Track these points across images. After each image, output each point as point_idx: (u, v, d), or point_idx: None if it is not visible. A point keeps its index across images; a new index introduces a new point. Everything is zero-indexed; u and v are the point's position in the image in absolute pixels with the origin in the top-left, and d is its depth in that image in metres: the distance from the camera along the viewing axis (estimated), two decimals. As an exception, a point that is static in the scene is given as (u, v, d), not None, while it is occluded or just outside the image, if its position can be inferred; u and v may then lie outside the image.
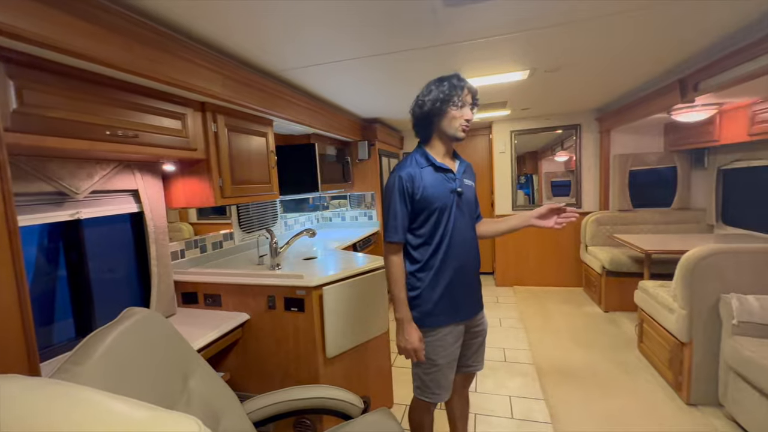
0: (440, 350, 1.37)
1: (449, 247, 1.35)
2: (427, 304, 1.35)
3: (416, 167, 1.35)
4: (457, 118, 1.33)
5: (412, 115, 1.43)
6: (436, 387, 1.40)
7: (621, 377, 2.37)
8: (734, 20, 1.65)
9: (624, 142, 3.84)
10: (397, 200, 1.32)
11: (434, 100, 1.32)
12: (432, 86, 1.35)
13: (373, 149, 3.64)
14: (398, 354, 1.38)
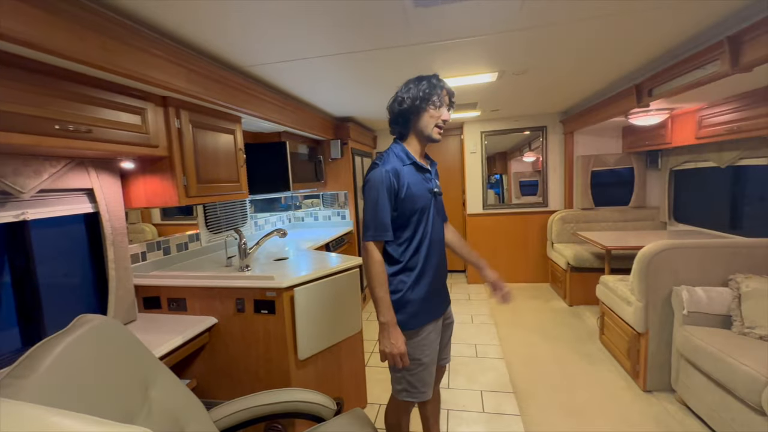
0: (425, 349, 1.37)
1: (429, 247, 1.36)
2: (412, 306, 1.34)
3: (399, 163, 1.32)
4: (434, 117, 1.34)
5: (390, 112, 1.39)
6: (422, 385, 1.40)
7: (585, 368, 2.49)
8: (683, 31, 1.77)
9: (586, 143, 4.03)
10: (384, 196, 1.26)
11: (414, 98, 1.31)
12: (411, 84, 1.34)
13: (346, 148, 3.61)
14: (381, 360, 1.33)
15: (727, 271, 1.99)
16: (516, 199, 4.58)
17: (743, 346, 1.66)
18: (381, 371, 2.58)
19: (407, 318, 1.33)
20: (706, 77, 1.80)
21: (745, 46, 1.58)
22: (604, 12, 1.53)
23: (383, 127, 4.39)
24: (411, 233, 1.33)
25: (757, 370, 1.50)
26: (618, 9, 1.51)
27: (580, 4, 1.45)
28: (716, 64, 1.72)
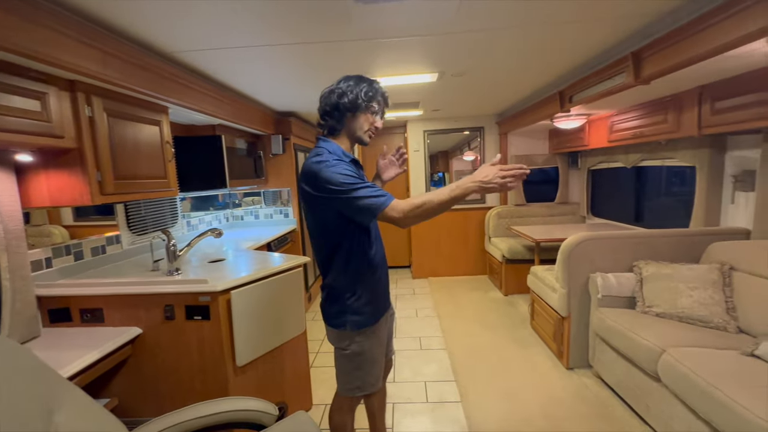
0: (378, 345, 1.38)
1: (377, 245, 1.36)
2: (370, 305, 1.32)
3: (348, 159, 1.24)
4: (369, 122, 1.31)
5: (325, 102, 1.29)
6: (375, 379, 1.40)
7: (518, 352, 2.69)
8: (597, 45, 1.97)
9: (519, 144, 4.34)
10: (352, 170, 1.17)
11: (356, 97, 1.25)
12: (352, 82, 1.28)
13: (288, 144, 3.49)
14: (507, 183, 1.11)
15: (632, 259, 2.27)
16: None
17: (644, 323, 1.91)
18: (326, 371, 2.55)
19: (367, 317, 1.32)
20: (615, 87, 2.03)
21: (645, 61, 1.80)
22: (532, 21, 1.65)
23: (327, 123, 4.30)
24: (361, 231, 1.30)
25: (653, 343, 1.73)
26: (543, 20, 1.63)
27: (510, 12, 1.55)
28: (623, 76, 1.95)
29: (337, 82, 1.31)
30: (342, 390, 1.42)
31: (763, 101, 1.71)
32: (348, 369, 1.37)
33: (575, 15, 1.59)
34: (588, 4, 1.49)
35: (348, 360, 1.37)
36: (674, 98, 2.25)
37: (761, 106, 1.71)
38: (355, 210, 1.17)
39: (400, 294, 4.13)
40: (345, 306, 1.31)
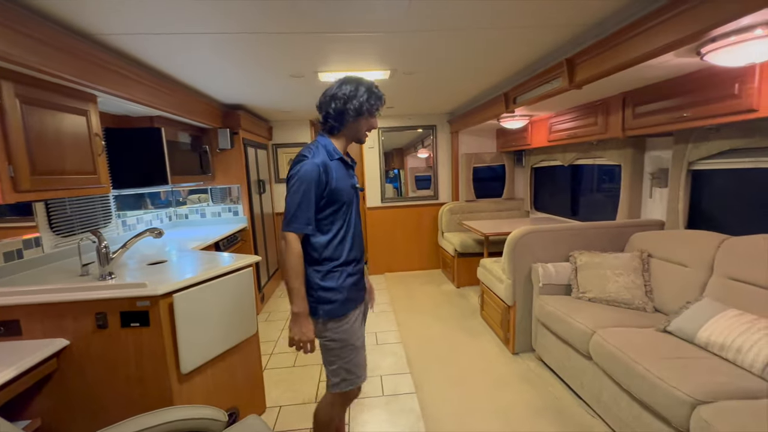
0: (353, 333, 1.41)
1: (353, 238, 1.40)
2: (340, 294, 1.36)
3: (327, 157, 1.33)
4: (368, 123, 1.38)
5: (328, 105, 1.34)
6: (359, 369, 1.44)
7: (468, 341, 2.81)
8: (537, 50, 2.11)
9: (469, 142, 4.52)
10: (312, 189, 1.27)
11: (359, 107, 1.31)
12: (351, 86, 1.32)
13: (236, 138, 3.33)
14: (290, 345, 1.32)
15: (569, 249, 2.47)
16: (412, 192, 4.89)
17: (578, 308, 2.09)
18: (280, 373, 2.49)
19: (336, 306, 1.36)
20: (552, 90, 2.18)
21: (577, 67, 1.96)
22: (479, 25, 1.72)
23: (279, 117, 4.19)
24: (338, 226, 1.36)
25: (585, 326, 1.91)
26: (489, 24, 1.71)
27: (459, 15, 1.60)
28: (559, 80, 2.10)
29: (338, 85, 1.34)
30: (329, 387, 1.44)
31: (674, 107, 1.94)
32: (329, 363, 1.41)
33: (519, 21, 1.68)
34: (531, 12, 1.59)
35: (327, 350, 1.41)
36: (603, 102, 2.48)
37: (672, 112, 1.94)
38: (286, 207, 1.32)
39: (356, 290, 4.12)
40: (323, 290, 1.36)
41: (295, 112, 3.93)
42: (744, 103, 1.59)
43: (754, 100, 1.55)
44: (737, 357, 1.46)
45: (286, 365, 2.58)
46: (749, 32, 1.27)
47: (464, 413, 2.00)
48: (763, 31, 1.26)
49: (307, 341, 1.31)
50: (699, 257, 1.94)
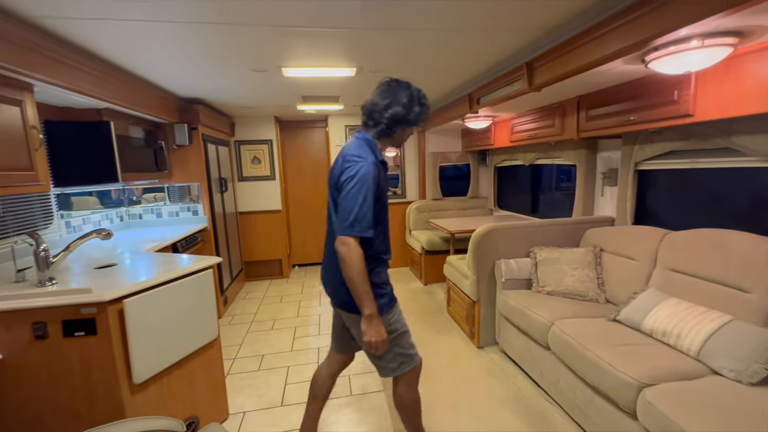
0: (401, 319, 1.50)
1: (387, 235, 1.48)
2: (387, 286, 1.44)
3: (378, 157, 1.39)
4: (410, 132, 1.47)
5: (383, 114, 1.37)
6: (412, 348, 1.54)
7: (435, 337, 2.86)
8: (499, 53, 2.17)
9: (435, 142, 4.59)
10: (372, 189, 1.28)
11: (414, 120, 1.40)
12: (406, 97, 1.37)
13: (195, 134, 3.17)
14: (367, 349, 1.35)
15: (529, 245, 2.58)
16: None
17: (537, 301, 2.19)
18: (245, 377, 2.41)
19: (387, 300, 1.42)
20: (513, 93, 2.26)
21: (536, 71, 2.04)
22: (440, 26, 1.74)
23: (242, 113, 4.04)
24: (383, 222, 1.43)
25: (544, 318, 2.00)
26: (452, 25, 1.74)
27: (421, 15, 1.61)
28: (519, 83, 2.18)
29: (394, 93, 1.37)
30: (389, 373, 1.52)
31: (622, 111, 2.07)
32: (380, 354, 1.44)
33: (480, 22, 1.72)
34: (491, 14, 1.63)
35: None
36: (559, 105, 2.60)
37: (620, 116, 2.07)
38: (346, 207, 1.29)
39: (320, 291, 4.07)
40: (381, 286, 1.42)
41: (259, 108, 3.81)
42: (682, 108, 1.72)
43: (690, 105, 1.69)
44: (677, 342, 1.59)
45: (251, 369, 2.50)
46: (686, 43, 1.38)
47: (431, 408, 2.03)
48: (698, 42, 1.37)
49: (383, 341, 1.32)
50: (644, 251, 2.09)
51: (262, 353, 2.71)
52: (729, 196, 2.06)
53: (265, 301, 3.80)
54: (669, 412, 1.27)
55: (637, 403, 1.40)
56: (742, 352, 1.40)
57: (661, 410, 1.29)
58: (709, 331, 1.51)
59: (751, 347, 1.39)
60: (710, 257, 1.76)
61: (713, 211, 2.12)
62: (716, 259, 1.73)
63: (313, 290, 4.10)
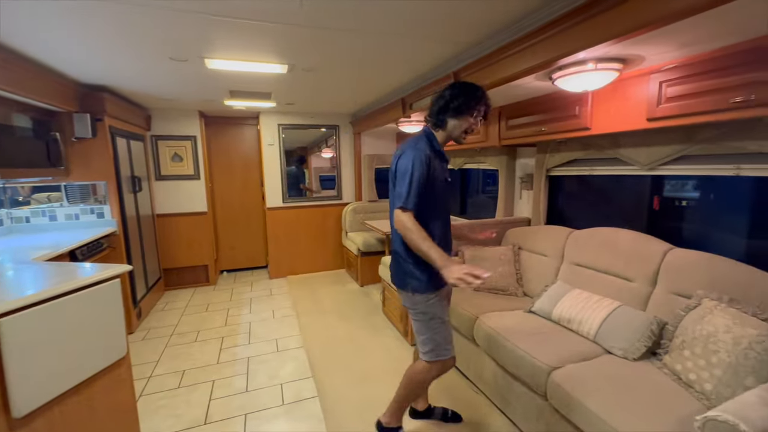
0: (441, 308, 1.58)
1: (442, 227, 1.58)
2: (426, 272, 1.51)
3: (430, 148, 1.51)
4: (467, 125, 1.52)
5: (434, 104, 1.56)
6: (447, 343, 1.60)
7: (370, 338, 2.89)
8: (429, 61, 2.27)
9: (371, 144, 4.64)
10: (421, 173, 1.44)
11: (459, 106, 1.48)
12: (458, 91, 1.50)
13: (100, 126, 2.80)
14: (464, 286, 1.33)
15: (458, 245, 2.73)
16: (316, 192, 4.81)
17: (465, 297, 2.32)
18: (162, 396, 2.19)
19: (423, 284, 1.53)
20: (442, 100, 2.38)
21: (462, 81, 2.17)
22: (373, 29, 1.76)
23: (161, 105, 3.68)
24: (431, 211, 1.51)
25: (471, 312, 2.13)
26: (382, 29, 1.77)
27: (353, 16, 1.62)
28: (447, 91, 2.30)
29: (448, 87, 1.54)
30: (421, 354, 1.63)
31: (535, 122, 2.30)
32: (421, 331, 1.60)
33: (409, 30, 1.78)
34: (419, 23, 1.69)
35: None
36: (484, 114, 2.80)
37: (534, 126, 2.30)
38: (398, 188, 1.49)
39: (256, 297, 3.87)
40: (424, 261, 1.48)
41: (180, 101, 3.49)
42: (582, 122, 1.97)
43: (588, 120, 1.94)
44: (580, 328, 1.81)
45: (169, 387, 2.27)
46: (584, 65, 1.58)
47: (366, 409, 2.03)
48: (594, 65, 1.57)
49: (464, 277, 1.30)
50: (554, 248, 2.34)
51: (183, 368, 2.48)
52: (619, 199, 2.40)
53: (188, 311, 3.49)
54: (571, 389, 1.44)
55: (547, 384, 1.56)
56: (627, 333, 1.64)
57: (564, 389, 1.46)
58: (603, 317, 1.74)
59: (634, 328, 1.64)
60: (603, 252, 2.03)
61: (608, 212, 2.46)
62: (608, 254, 2.00)
63: (243, 297, 3.87)
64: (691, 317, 1.50)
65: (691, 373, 1.40)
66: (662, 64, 1.59)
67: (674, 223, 2.07)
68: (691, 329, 1.46)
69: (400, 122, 3.42)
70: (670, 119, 1.58)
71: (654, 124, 1.64)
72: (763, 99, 1.28)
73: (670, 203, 2.08)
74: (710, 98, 1.42)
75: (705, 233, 1.95)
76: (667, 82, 1.58)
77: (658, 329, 1.60)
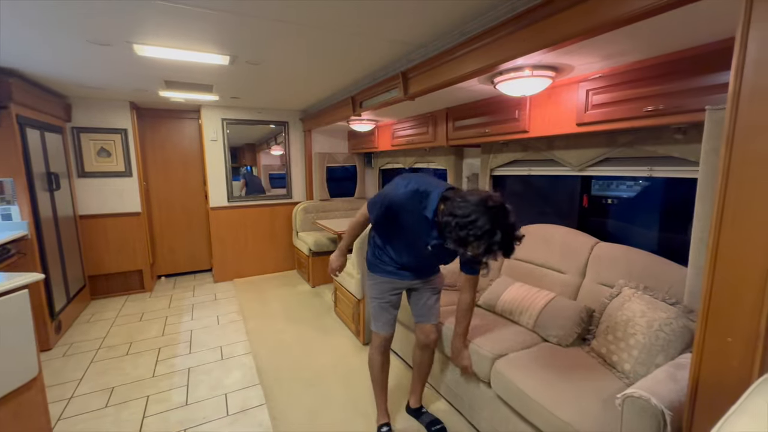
0: (372, 290, 1.83)
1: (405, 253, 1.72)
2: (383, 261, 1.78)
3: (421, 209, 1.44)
4: (476, 256, 1.26)
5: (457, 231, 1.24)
6: (376, 320, 1.83)
7: (322, 339, 2.83)
8: (378, 60, 2.27)
9: (322, 142, 4.56)
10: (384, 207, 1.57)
11: (485, 248, 1.20)
12: (489, 227, 1.18)
13: (5, 114, 2.44)
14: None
15: (408, 243, 2.77)
16: (267, 191, 4.62)
17: (415, 294, 2.36)
18: (85, 418, 1.97)
19: (373, 265, 1.80)
20: (391, 99, 2.40)
21: (410, 81, 2.20)
22: (318, 24, 1.72)
23: (84, 94, 3.32)
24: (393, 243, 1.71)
25: (421, 309, 2.17)
26: (329, 24, 1.73)
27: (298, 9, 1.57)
28: (396, 91, 2.32)
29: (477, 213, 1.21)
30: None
31: (479, 124, 2.39)
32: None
33: (356, 28, 1.76)
34: (366, 22, 1.68)
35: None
36: (432, 115, 2.87)
37: (478, 128, 2.40)
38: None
39: (198, 302, 3.63)
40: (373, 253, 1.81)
41: (106, 90, 3.16)
42: (521, 125, 2.09)
43: (526, 123, 2.06)
44: (520, 318, 1.92)
45: (94, 407, 2.05)
46: (522, 71, 1.68)
47: (317, 413, 1.99)
48: (530, 71, 1.67)
49: (330, 268, 1.90)
50: (498, 244, 2.46)
51: (112, 385, 2.25)
52: (555, 197, 2.59)
53: (119, 322, 3.17)
54: (511, 376, 1.52)
55: (491, 373, 1.64)
56: (561, 321, 1.77)
57: (505, 376, 1.54)
58: (540, 307, 1.86)
59: (567, 317, 1.77)
60: (541, 247, 2.17)
61: (545, 210, 2.64)
62: (545, 249, 2.15)
63: (184, 303, 3.60)
64: (614, 305, 1.65)
65: (614, 355, 1.54)
66: (589, 74, 1.73)
67: (601, 220, 2.27)
68: (613, 315, 1.61)
69: (351, 120, 3.39)
70: (596, 125, 1.72)
71: (582, 129, 1.79)
72: (669, 109, 1.44)
73: (598, 201, 2.29)
74: (628, 106, 1.58)
75: (626, 228, 2.17)
76: (593, 91, 1.72)
77: (587, 316, 1.75)
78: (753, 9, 0.83)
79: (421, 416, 1.91)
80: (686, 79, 1.39)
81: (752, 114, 0.85)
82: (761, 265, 0.84)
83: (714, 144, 1.27)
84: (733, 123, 0.88)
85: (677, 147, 1.63)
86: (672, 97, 1.44)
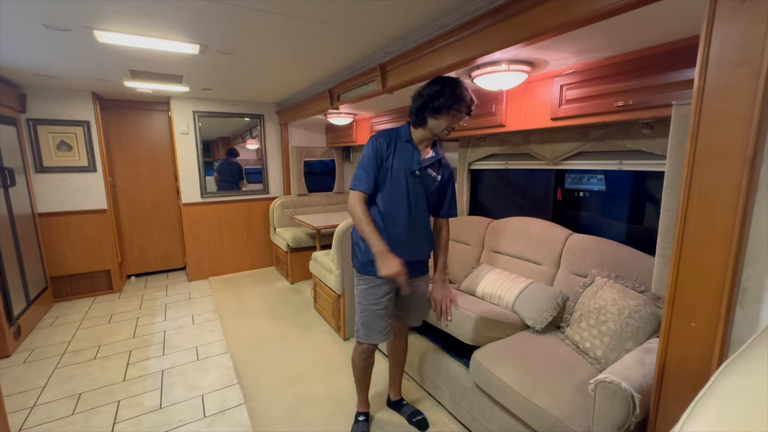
0: (367, 296, 1.66)
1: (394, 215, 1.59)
2: (367, 255, 1.60)
3: (394, 138, 1.59)
4: (448, 121, 1.51)
5: (414, 103, 1.57)
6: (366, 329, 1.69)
7: (302, 336, 2.80)
8: (356, 53, 2.23)
9: (299, 135, 4.47)
10: (370, 153, 1.55)
11: (439, 106, 1.48)
12: (437, 87, 1.49)
13: (-51, 105, 2.24)
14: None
15: (388, 237, 2.77)
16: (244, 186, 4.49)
17: (396, 288, 2.37)
18: (49, 427, 1.87)
19: (358, 265, 1.65)
20: (369, 93, 2.37)
21: (388, 74, 2.18)
22: (294, 13, 1.67)
23: (41, 83, 3.11)
24: (390, 204, 1.58)
25: (401, 303, 2.18)
26: (305, 14, 1.68)
27: (271, -2, 1.51)
28: (374, 84, 2.29)
29: (428, 83, 1.53)
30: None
31: (457, 118, 2.40)
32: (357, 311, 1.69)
33: (333, 17, 1.72)
34: (344, 12, 1.64)
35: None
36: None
37: (456, 122, 2.41)
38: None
39: (172, 302, 3.50)
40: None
41: (65, 79, 2.96)
42: (498, 119, 2.11)
43: (503, 118, 2.09)
44: (500, 302, 1.96)
45: (60, 416, 1.95)
46: (498, 65, 1.69)
47: (297, 410, 1.97)
48: (507, 66, 1.69)
49: (395, 273, 1.48)
50: (475, 237, 2.50)
51: (79, 391, 2.14)
52: (531, 191, 2.65)
53: (85, 325, 3.02)
54: (488, 365, 1.56)
55: (471, 361, 1.66)
56: (537, 304, 1.82)
57: (483, 365, 1.57)
58: (518, 291, 1.91)
59: (542, 300, 1.82)
60: (517, 239, 2.22)
61: (522, 203, 2.69)
62: (521, 241, 2.20)
63: (157, 303, 3.47)
64: (587, 293, 1.71)
65: (587, 342, 1.60)
66: (563, 69, 1.77)
67: (574, 212, 2.34)
68: (586, 304, 1.67)
69: (329, 114, 3.34)
70: (569, 119, 1.77)
71: (556, 123, 1.83)
72: (638, 104, 1.50)
73: (571, 194, 2.36)
74: (599, 102, 1.62)
75: (597, 220, 2.25)
76: (566, 86, 1.76)
77: (562, 302, 1.81)
78: (717, 9, 0.87)
79: (401, 408, 1.93)
80: (654, 76, 1.44)
81: (715, 109, 0.89)
82: (723, 253, 0.89)
83: (680, 138, 1.33)
84: (698, 118, 0.92)
85: (644, 141, 1.70)
86: (641, 92, 1.49)
